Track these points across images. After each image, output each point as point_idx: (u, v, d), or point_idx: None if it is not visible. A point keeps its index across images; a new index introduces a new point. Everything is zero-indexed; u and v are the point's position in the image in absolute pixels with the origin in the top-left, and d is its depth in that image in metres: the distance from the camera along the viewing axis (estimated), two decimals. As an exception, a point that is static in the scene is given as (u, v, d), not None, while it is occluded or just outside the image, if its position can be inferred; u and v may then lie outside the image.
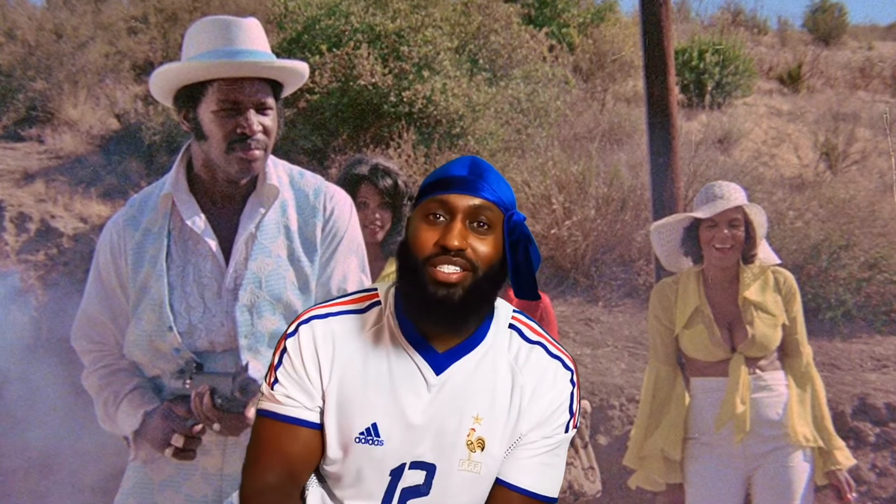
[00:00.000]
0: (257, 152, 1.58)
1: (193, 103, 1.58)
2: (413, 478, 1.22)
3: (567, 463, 2.80)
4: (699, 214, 2.42)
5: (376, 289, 1.29)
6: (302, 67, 1.64)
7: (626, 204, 5.10)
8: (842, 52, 10.91)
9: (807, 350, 2.47)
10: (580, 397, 1.29)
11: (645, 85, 3.71)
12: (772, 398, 2.40)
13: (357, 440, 1.20)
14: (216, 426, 1.53)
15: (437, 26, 6.03)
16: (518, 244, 1.21)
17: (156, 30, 7.91)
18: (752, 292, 2.44)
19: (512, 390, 1.23)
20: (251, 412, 1.49)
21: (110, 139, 6.61)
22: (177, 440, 1.54)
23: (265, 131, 1.59)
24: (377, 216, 2.37)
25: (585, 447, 2.92)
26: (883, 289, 4.64)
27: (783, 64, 9.79)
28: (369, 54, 5.74)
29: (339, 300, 1.28)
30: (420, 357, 1.21)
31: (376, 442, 1.20)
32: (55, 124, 6.74)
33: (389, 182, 2.37)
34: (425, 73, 5.77)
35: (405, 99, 5.63)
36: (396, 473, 1.21)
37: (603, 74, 8.07)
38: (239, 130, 1.56)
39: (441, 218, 1.19)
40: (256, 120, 1.57)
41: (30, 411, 3.70)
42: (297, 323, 1.24)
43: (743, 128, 7.27)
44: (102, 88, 7.22)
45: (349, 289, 1.64)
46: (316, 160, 5.72)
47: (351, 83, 5.71)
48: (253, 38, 1.59)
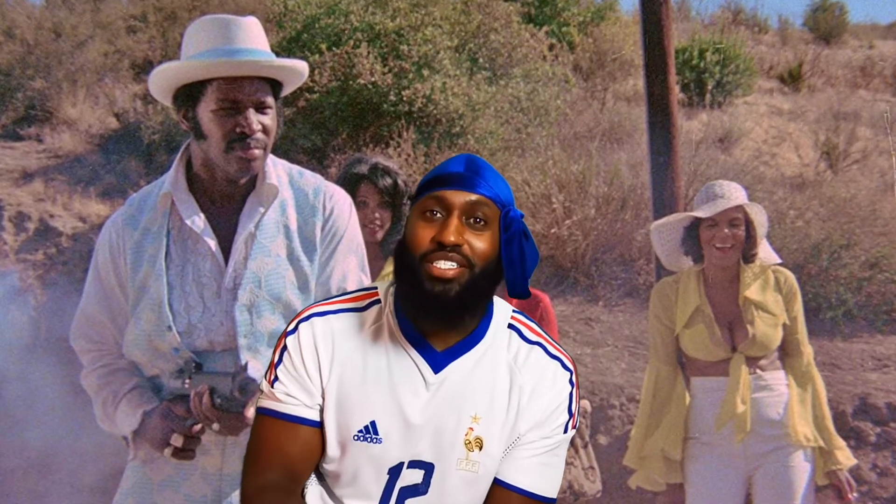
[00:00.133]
0: (257, 151, 1.57)
1: (193, 102, 1.58)
2: (411, 477, 1.22)
3: (567, 463, 2.80)
4: (700, 214, 2.42)
5: (376, 287, 1.29)
6: (301, 66, 1.64)
7: (627, 203, 5.09)
8: (842, 51, 10.91)
9: (807, 350, 2.46)
10: (579, 397, 1.28)
11: (645, 84, 3.71)
12: (772, 398, 2.39)
13: (356, 438, 1.20)
14: (215, 426, 1.52)
15: (437, 25, 6.02)
16: (513, 240, 1.20)
17: (155, 29, 7.90)
18: (753, 292, 2.43)
19: (510, 390, 1.23)
20: (250, 412, 1.49)
21: (109, 138, 6.60)
22: (176, 440, 1.53)
23: (265, 130, 1.58)
24: (377, 215, 2.36)
25: (585, 447, 2.92)
26: (884, 288, 4.63)
27: (784, 63, 9.79)
28: (369, 53, 5.73)
29: (339, 298, 1.28)
30: (419, 355, 1.21)
31: (375, 440, 1.20)
32: (54, 123, 6.73)
33: (389, 181, 2.36)
34: (425, 72, 5.76)
35: (405, 98, 5.62)
36: (395, 472, 1.21)
37: (603, 73, 8.07)
38: (238, 129, 1.55)
39: (438, 214, 1.19)
40: (256, 119, 1.57)
41: (28, 411, 3.70)
42: (297, 321, 1.24)
43: (743, 127, 7.27)
44: (101, 87, 7.21)
45: (349, 288, 1.63)
46: (315, 159, 5.71)
47: (350, 82, 5.70)
48: (252, 37, 1.59)
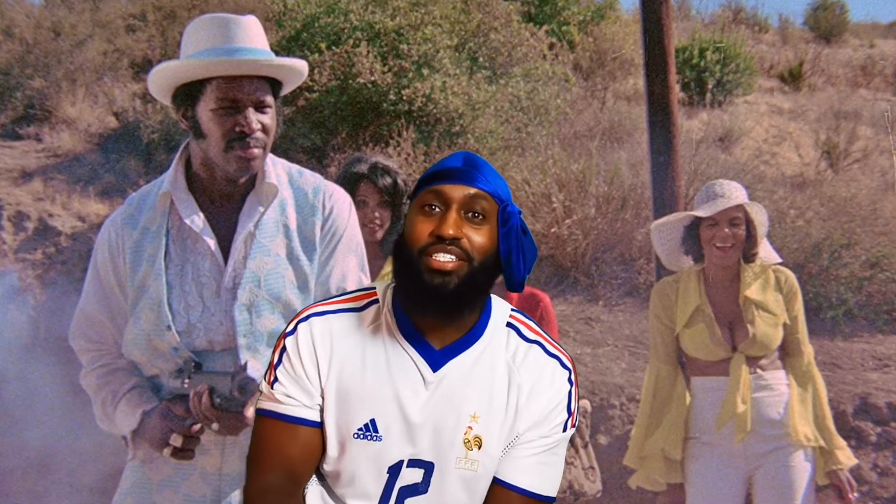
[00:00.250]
0: (256, 151, 1.57)
1: (192, 101, 1.57)
2: (411, 476, 1.21)
3: (567, 463, 2.79)
4: (700, 213, 2.42)
5: (374, 288, 1.29)
6: (301, 65, 1.64)
7: (627, 202, 5.09)
8: (843, 50, 10.91)
9: (808, 349, 2.46)
10: (578, 396, 1.28)
11: (645, 83, 3.70)
12: (773, 398, 2.39)
13: (355, 436, 1.20)
14: (215, 426, 1.52)
15: (437, 24, 6.01)
16: (511, 234, 1.20)
17: (154, 28, 7.89)
18: (753, 291, 2.43)
19: (509, 388, 1.23)
20: (250, 412, 1.49)
21: (108, 137, 6.60)
22: (175, 440, 1.53)
23: (264, 130, 1.58)
24: (376, 215, 2.36)
25: (586, 447, 2.92)
26: (884, 288, 4.63)
27: (784, 62, 9.78)
28: (369, 52, 5.73)
29: (338, 298, 1.28)
30: (417, 354, 1.21)
31: (374, 437, 1.20)
32: (53, 122, 6.72)
33: (389, 181, 2.36)
34: (425, 72, 5.75)
35: (405, 97, 5.61)
36: (394, 471, 1.21)
37: (603, 72, 8.06)
38: (238, 129, 1.55)
39: (436, 209, 1.19)
40: (255, 118, 1.57)
41: (28, 411, 3.70)
42: (296, 321, 1.25)
43: (744, 126, 7.26)
44: (101, 86, 7.21)
45: (348, 287, 1.63)
46: (315, 159, 5.71)
47: (350, 81, 5.69)
48: (252, 36, 1.59)
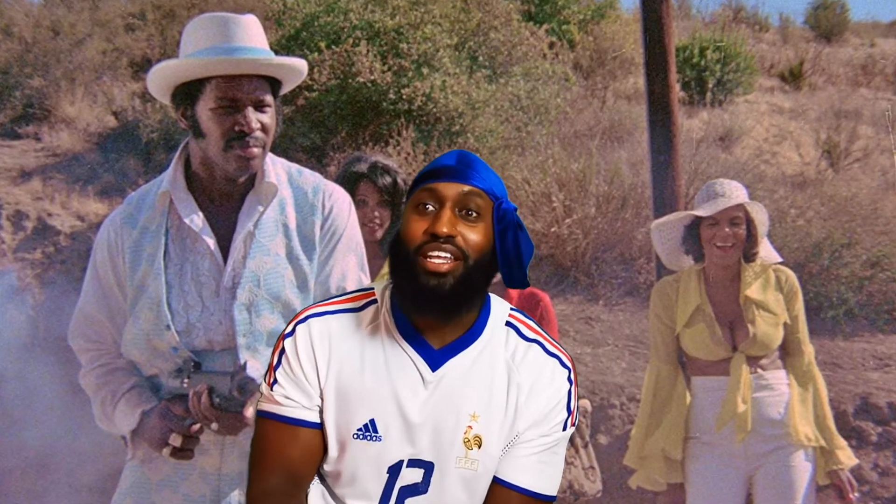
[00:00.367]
0: (255, 150, 1.57)
1: (191, 101, 1.57)
2: (411, 476, 1.21)
3: (567, 462, 2.79)
4: (700, 212, 2.41)
5: (373, 288, 1.29)
6: (300, 65, 1.63)
7: (627, 202, 5.09)
8: (843, 49, 10.91)
9: (808, 349, 2.46)
10: (578, 395, 1.28)
11: (646, 82, 3.70)
12: (773, 397, 2.39)
13: (355, 436, 1.20)
14: (214, 425, 1.52)
15: (437, 23, 6.00)
16: (507, 231, 1.20)
17: (153, 27, 7.88)
18: (754, 291, 2.42)
19: (508, 388, 1.23)
20: (249, 411, 1.49)
21: (108, 137, 6.59)
22: (175, 440, 1.53)
23: (263, 129, 1.58)
24: (376, 214, 2.35)
25: (586, 447, 2.91)
26: (885, 287, 4.63)
27: (785, 61, 9.78)
28: (368, 51, 5.72)
29: (336, 299, 1.28)
30: (416, 353, 1.21)
31: (374, 438, 1.20)
32: (52, 122, 6.71)
33: (388, 180, 2.35)
34: (425, 71, 5.75)
35: (404, 96, 5.61)
36: (394, 471, 1.21)
37: (603, 72, 8.06)
38: (237, 128, 1.55)
39: (430, 207, 1.19)
40: (255, 117, 1.56)
41: (27, 411, 3.69)
42: (295, 322, 1.25)
43: (744, 125, 7.26)
44: (100, 86, 7.20)
45: (348, 287, 1.63)
46: (315, 158, 5.70)
47: (350, 80, 5.69)
48: (251, 35, 1.58)
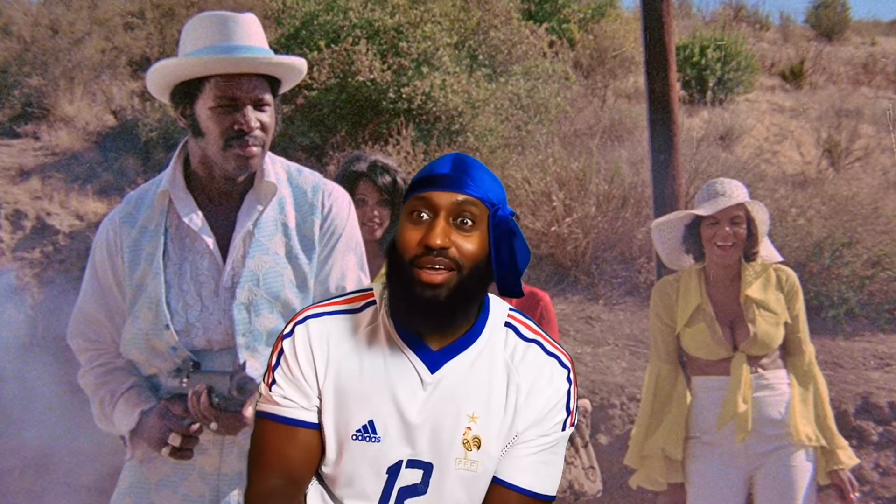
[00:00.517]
0: (255, 149, 1.57)
1: (190, 99, 1.57)
2: (410, 477, 1.21)
3: (567, 462, 2.78)
4: (701, 212, 2.41)
5: (372, 289, 1.29)
6: (300, 63, 1.63)
7: (627, 201, 5.08)
8: (844, 48, 10.91)
9: (809, 348, 2.45)
10: (577, 395, 1.28)
11: (646, 81, 3.69)
12: (774, 397, 2.38)
13: (354, 437, 1.20)
14: (213, 425, 1.52)
15: (437, 22, 6.00)
16: (502, 239, 1.19)
17: (152, 25, 7.88)
18: (754, 290, 2.42)
19: (507, 388, 1.23)
20: (249, 411, 1.49)
21: (106, 136, 6.59)
22: (174, 439, 1.53)
23: (263, 128, 1.58)
24: (376, 213, 2.35)
25: (586, 446, 2.90)
26: (886, 286, 4.62)
27: (785, 60, 9.79)
28: (368, 50, 5.72)
29: (335, 300, 1.28)
30: (415, 355, 1.21)
31: (373, 439, 1.20)
32: (51, 121, 6.71)
33: (388, 179, 2.35)
34: (424, 69, 5.74)
35: (404, 95, 5.60)
36: (393, 472, 1.21)
37: (603, 70, 8.06)
38: (236, 127, 1.55)
39: (425, 216, 1.19)
40: (254, 116, 1.56)
41: (25, 410, 3.69)
42: (294, 323, 1.25)
43: (745, 124, 7.26)
44: (99, 84, 7.20)
45: (347, 286, 1.63)
46: (314, 157, 5.70)
47: (349, 79, 5.68)
48: (250, 34, 1.58)
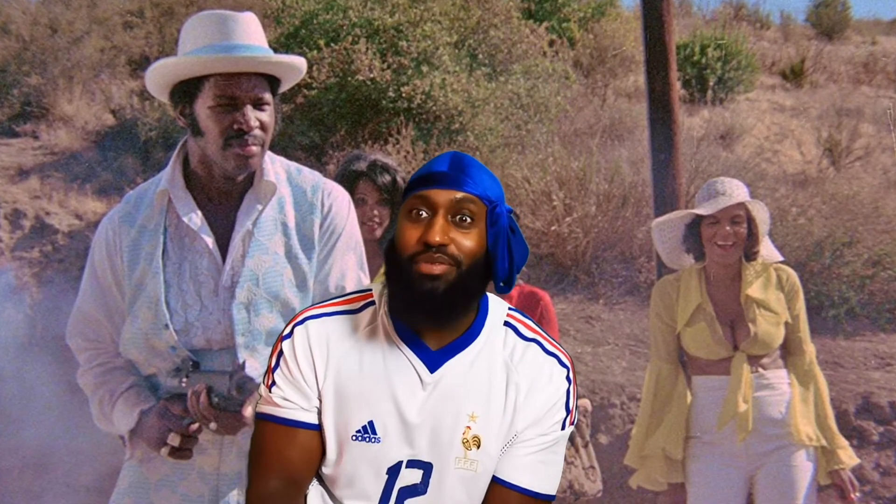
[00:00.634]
0: (254, 148, 1.57)
1: (190, 99, 1.57)
2: (410, 477, 1.22)
3: (567, 462, 2.78)
4: (701, 211, 2.40)
5: (371, 289, 1.29)
6: (299, 63, 1.63)
7: (627, 200, 5.08)
8: (845, 47, 10.91)
9: (810, 348, 2.45)
10: (577, 394, 1.28)
11: (646, 80, 3.68)
12: (774, 397, 2.38)
13: (354, 438, 1.20)
14: (213, 425, 1.52)
15: (436, 21, 5.99)
16: (500, 236, 1.20)
17: (152, 24, 7.87)
18: (755, 290, 2.42)
19: (507, 387, 1.23)
20: (248, 411, 1.49)
21: (106, 135, 6.58)
22: (173, 439, 1.53)
23: (262, 127, 1.58)
24: (375, 213, 2.35)
25: (586, 446, 2.90)
26: (887, 286, 4.62)
27: (786, 59, 9.78)
28: (367, 49, 5.71)
29: (335, 300, 1.28)
30: (414, 355, 1.21)
31: (373, 439, 1.20)
32: (50, 120, 6.70)
33: (388, 178, 2.35)
34: (424, 69, 5.74)
35: (404, 94, 5.60)
36: (393, 472, 1.21)
37: (604, 69, 8.06)
38: (236, 126, 1.55)
39: (423, 214, 1.19)
40: (253, 116, 1.56)
41: (24, 410, 3.69)
42: (293, 324, 1.25)
43: (745, 123, 7.25)
44: (98, 84, 7.19)
45: (347, 286, 1.63)
46: (314, 156, 5.69)
47: (349, 78, 5.68)
48: (250, 33, 1.58)
